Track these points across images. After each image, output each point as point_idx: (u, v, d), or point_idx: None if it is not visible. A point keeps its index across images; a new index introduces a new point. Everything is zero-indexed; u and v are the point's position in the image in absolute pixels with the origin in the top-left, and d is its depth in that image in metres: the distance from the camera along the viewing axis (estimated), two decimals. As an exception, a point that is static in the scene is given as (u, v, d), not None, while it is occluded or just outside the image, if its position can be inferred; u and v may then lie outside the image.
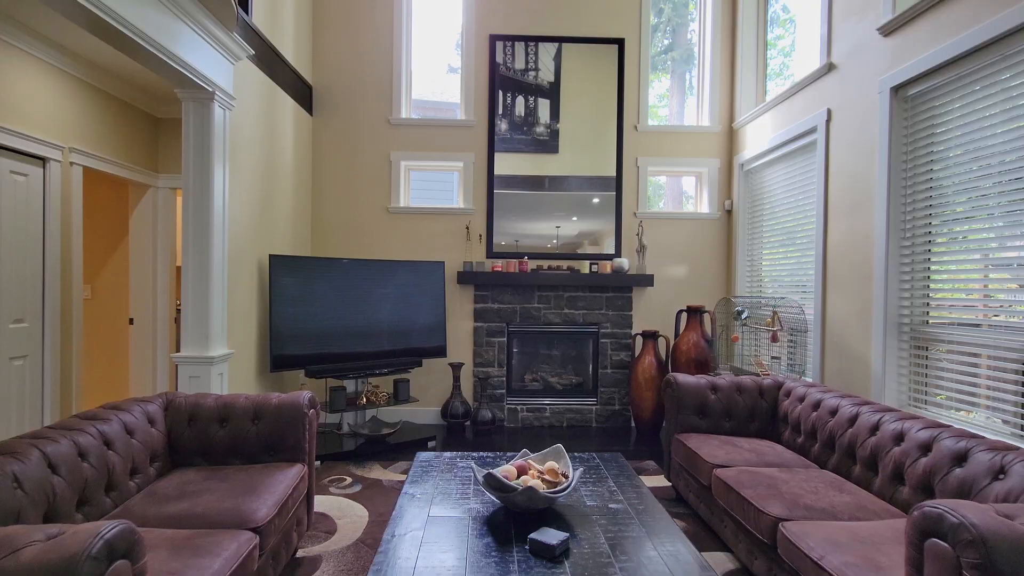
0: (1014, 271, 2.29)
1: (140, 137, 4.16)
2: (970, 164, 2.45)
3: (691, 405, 2.99)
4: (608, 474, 2.29)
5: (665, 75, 6.12)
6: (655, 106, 5.52)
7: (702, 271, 4.76)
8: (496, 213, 4.68)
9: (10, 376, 3.06)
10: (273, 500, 1.94)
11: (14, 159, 3.07)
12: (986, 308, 2.43)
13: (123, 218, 4.28)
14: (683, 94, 5.74)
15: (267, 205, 3.76)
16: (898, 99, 2.84)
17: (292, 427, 2.32)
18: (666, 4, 5.63)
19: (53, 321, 3.33)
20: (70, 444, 1.75)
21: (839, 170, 3.28)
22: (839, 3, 3.30)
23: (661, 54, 5.93)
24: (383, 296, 4.14)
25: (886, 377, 2.86)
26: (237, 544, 1.65)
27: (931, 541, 1.28)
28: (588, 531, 1.75)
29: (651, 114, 4.92)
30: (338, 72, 4.62)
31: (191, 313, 2.97)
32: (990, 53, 2.33)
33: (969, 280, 2.51)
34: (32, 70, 3.17)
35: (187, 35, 2.73)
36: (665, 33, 6.10)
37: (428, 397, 4.58)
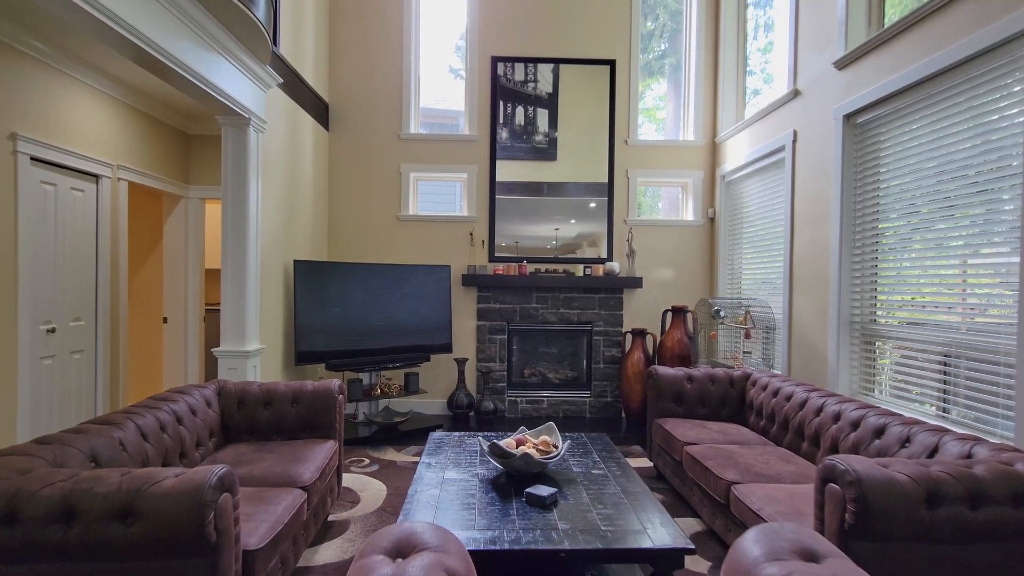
0: (941, 278, 2.69)
1: (174, 152, 4.57)
2: (908, 185, 2.86)
3: (669, 393, 3.40)
4: (593, 449, 2.70)
5: (662, 78, 6.48)
6: (653, 108, 5.83)
7: (687, 274, 5.17)
8: (497, 217, 5.09)
9: (70, 368, 3.48)
10: (314, 466, 2.35)
11: (73, 177, 3.48)
12: (916, 308, 2.83)
13: (157, 226, 4.69)
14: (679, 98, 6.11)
15: (291, 215, 4.17)
16: (849, 125, 3.25)
17: (325, 409, 2.73)
18: (662, 11, 5.96)
19: (104, 320, 3.74)
20: (153, 419, 2.16)
21: (803, 186, 3.69)
22: (803, 37, 3.71)
23: (659, 59, 6.28)
24: (395, 297, 4.55)
25: (839, 368, 3.27)
26: (292, 497, 2.06)
27: (829, 486, 1.69)
28: (573, 489, 2.17)
29: (650, 116, 5.29)
30: (352, 91, 5.03)
31: (230, 312, 3.38)
32: (921, 91, 2.74)
33: (905, 285, 2.92)
34: (87, 97, 3.58)
35: (228, 70, 3.13)
36: (662, 38, 6.46)
37: (435, 389, 4.99)
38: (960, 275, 2.57)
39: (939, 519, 1.58)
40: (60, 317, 3.38)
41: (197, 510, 1.41)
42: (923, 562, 1.61)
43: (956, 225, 2.57)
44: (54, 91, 3.31)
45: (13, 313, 3.02)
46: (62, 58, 3.31)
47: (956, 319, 2.59)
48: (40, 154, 3.16)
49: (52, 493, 1.39)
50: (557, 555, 1.67)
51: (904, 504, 1.57)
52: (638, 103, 5.17)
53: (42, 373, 3.24)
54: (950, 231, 2.60)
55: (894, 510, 1.57)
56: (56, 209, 3.35)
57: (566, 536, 1.76)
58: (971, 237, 2.47)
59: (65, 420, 3.40)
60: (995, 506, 1.59)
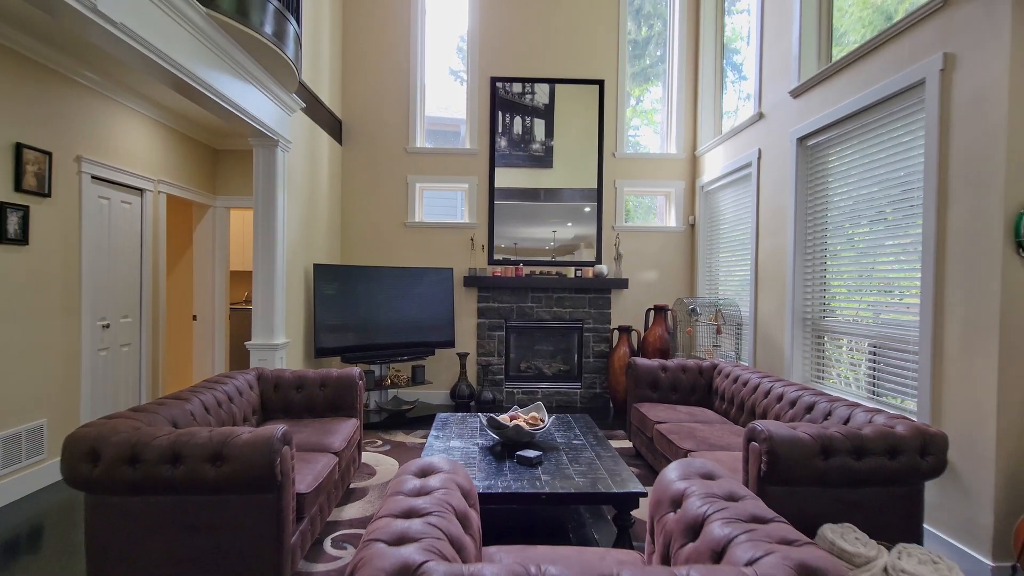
0: (871, 281, 3.17)
1: (202, 166, 5.05)
2: (848, 201, 3.33)
3: (646, 381, 3.88)
4: (575, 425, 3.18)
5: (658, 82, 6.91)
6: (651, 111, 6.21)
7: (670, 275, 5.64)
8: (497, 220, 5.56)
9: (120, 359, 3.96)
10: (342, 437, 2.83)
11: (123, 191, 3.96)
12: (853, 307, 3.31)
13: (188, 232, 5.17)
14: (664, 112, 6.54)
15: (310, 222, 4.64)
16: (802, 147, 3.72)
17: (348, 392, 3.22)
18: (657, 20, 6.35)
19: (147, 317, 4.22)
20: (211, 397, 2.64)
21: (766, 198, 4.16)
22: (766, 67, 4.18)
23: (655, 64, 6.69)
24: (403, 297, 5.03)
25: (794, 359, 3.74)
26: (327, 459, 2.54)
27: (751, 444, 2.17)
28: (556, 454, 2.65)
29: (648, 119, 5.75)
30: (363, 109, 5.51)
31: (260, 310, 3.86)
32: (856, 121, 3.21)
33: (845, 287, 3.39)
34: (134, 121, 4.06)
35: (260, 98, 3.61)
36: (658, 45, 6.89)
37: (439, 381, 5.47)
38: (883, 279, 3.05)
39: (831, 467, 2.06)
40: (112, 315, 3.86)
41: (268, 456, 1.89)
42: (821, 501, 2.09)
43: (878, 237, 3.04)
44: (107, 117, 3.78)
45: (77, 311, 3.50)
46: (113, 87, 3.78)
47: (885, 316, 3.06)
48: (98, 173, 3.64)
49: (162, 442, 1.87)
50: (539, 497, 2.15)
51: (804, 456, 2.05)
52: (625, 119, 5.64)
53: (98, 363, 3.71)
54: (877, 242, 3.07)
55: (796, 460, 2.05)
56: (109, 220, 3.83)
57: (547, 484, 2.24)
58: (890, 248, 2.95)
59: (117, 403, 3.88)
60: (875, 457, 2.07)
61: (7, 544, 2.56)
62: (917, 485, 2.14)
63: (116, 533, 1.89)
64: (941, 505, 2.50)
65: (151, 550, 1.90)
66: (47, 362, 3.26)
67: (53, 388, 3.31)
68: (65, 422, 3.41)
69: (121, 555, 1.89)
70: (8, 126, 2.99)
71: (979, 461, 2.31)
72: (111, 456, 1.84)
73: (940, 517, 2.50)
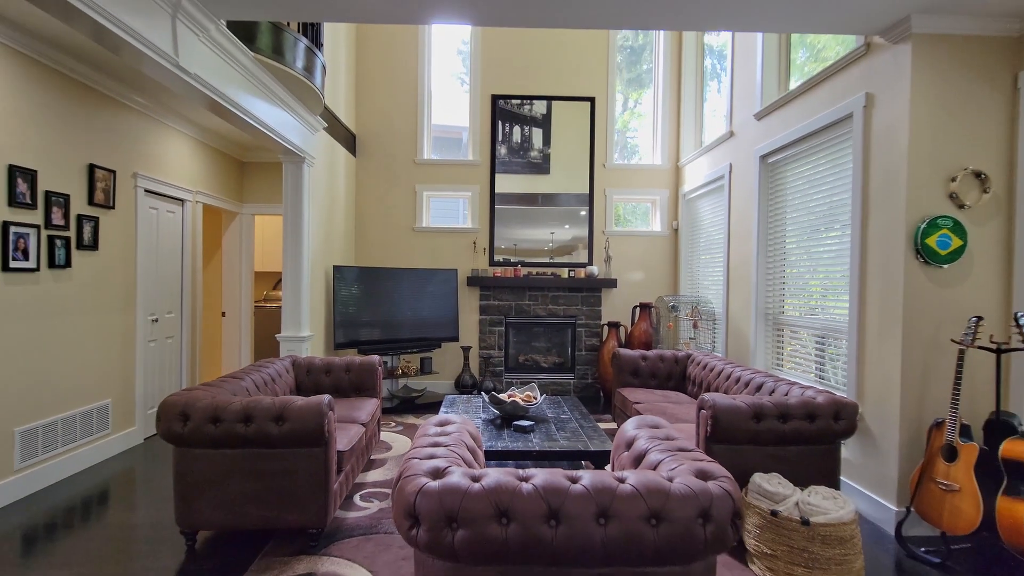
0: (816, 282, 3.69)
1: (231, 177, 5.58)
2: (801, 212, 3.86)
3: (628, 369, 4.41)
4: (564, 404, 3.72)
5: (649, 89, 7.38)
6: (643, 115, 6.68)
7: (655, 275, 6.17)
8: (498, 223, 6.09)
9: (166, 350, 4.49)
10: (366, 412, 3.36)
11: (168, 202, 4.50)
12: (804, 303, 3.84)
13: (217, 236, 5.70)
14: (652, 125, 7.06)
15: (329, 228, 5.18)
16: (764, 164, 4.25)
17: (369, 375, 3.75)
18: (648, 32, 6.78)
19: (186, 313, 4.76)
20: (260, 376, 3.17)
21: (736, 208, 4.69)
22: (736, 91, 4.71)
23: (648, 71, 7.15)
24: (412, 295, 5.56)
25: (757, 349, 4.27)
26: (356, 428, 3.07)
27: (701, 411, 2.70)
28: (546, 424, 3.18)
29: (640, 123, 6.29)
30: (375, 123, 6.05)
31: (289, 306, 4.39)
32: (805, 143, 3.74)
33: (797, 286, 3.92)
34: (176, 140, 4.59)
35: (289, 121, 4.14)
36: (652, 51, 7.37)
37: (445, 371, 6.00)
38: (826, 280, 3.58)
39: (763, 429, 2.59)
40: (159, 310, 4.40)
41: (319, 417, 2.42)
42: (755, 457, 2.62)
43: (823, 244, 3.57)
44: (155, 137, 4.31)
45: (133, 307, 4.03)
46: (160, 110, 4.32)
47: (827, 311, 3.59)
48: (150, 186, 4.17)
49: (237, 407, 2.40)
50: (531, 453, 2.68)
51: (740, 420, 2.58)
52: (614, 133, 6.17)
53: (149, 353, 4.25)
54: (822, 248, 3.60)
55: (734, 423, 2.58)
56: (157, 227, 4.36)
57: (537, 445, 2.77)
58: (831, 253, 3.48)
59: (163, 388, 4.42)
60: (797, 421, 2.60)
61: (99, 495, 3.10)
62: (833, 444, 2.67)
63: (199, 477, 2.43)
64: (862, 464, 3.03)
65: (226, 490, 2.43)
66: (110, 351, 3.80)
67: (114, 373, 3.85)
68: (124, 403, 3.95)
69: (203, 494, 2.43)
70: (84, 149, 3.52)
71: (888, 426, 2.84)
72: (198, 417, 2.38)
73: (860, 472, 3.03)
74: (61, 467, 3.35)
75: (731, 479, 1.56)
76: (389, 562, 2.41)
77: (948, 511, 2.43)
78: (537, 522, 1.43)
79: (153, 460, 3.77)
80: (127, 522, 2.82)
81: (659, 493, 1.47)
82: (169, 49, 2.58)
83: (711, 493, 1.49)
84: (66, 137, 3.38)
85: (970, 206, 2.73)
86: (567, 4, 2.65)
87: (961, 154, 2.75)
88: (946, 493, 2.44)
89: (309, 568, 2.35)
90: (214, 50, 2.98)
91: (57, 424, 3.31)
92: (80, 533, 2.70)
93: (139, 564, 2.42)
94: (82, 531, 2.72)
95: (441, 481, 1.51)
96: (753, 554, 2.40)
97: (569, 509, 1.45)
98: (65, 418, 3.38)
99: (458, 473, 1.57)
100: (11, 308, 3.00)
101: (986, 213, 2.75)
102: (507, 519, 1.43)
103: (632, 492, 1.47)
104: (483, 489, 1.47)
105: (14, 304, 3.02)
